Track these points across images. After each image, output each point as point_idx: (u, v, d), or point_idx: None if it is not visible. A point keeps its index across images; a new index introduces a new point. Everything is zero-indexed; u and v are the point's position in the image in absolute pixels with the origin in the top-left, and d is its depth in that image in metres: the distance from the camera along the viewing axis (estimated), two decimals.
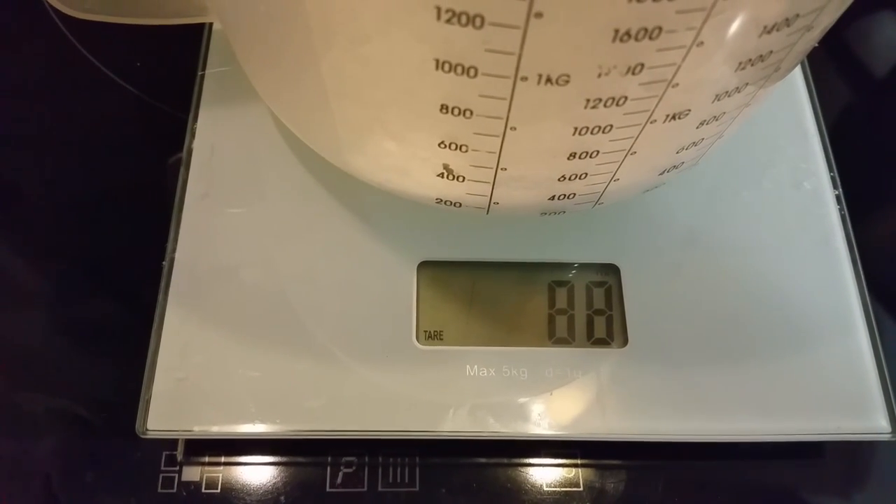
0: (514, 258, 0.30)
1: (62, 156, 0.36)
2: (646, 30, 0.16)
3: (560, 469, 0.29)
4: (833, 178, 0.32)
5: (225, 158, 0.32)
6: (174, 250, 0.29)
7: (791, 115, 0.34)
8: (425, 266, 0.30)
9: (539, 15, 0.15)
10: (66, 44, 0.39)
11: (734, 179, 0.32)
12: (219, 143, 0.32)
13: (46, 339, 0.32)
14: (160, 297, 0.29)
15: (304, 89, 0.23)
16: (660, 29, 0.16)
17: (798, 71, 0.35)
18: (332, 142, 0.26)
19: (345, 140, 0.25)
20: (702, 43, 0.17)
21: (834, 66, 0.41)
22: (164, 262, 0.29)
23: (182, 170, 0.31)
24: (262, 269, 0.30)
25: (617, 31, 0.16)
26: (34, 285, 0.33)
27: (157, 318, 0.28)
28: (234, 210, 0.31)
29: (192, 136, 0.32)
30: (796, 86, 0.34)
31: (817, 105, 0.34)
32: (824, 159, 0.32)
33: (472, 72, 0.17)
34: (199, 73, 0.33)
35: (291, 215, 0.31)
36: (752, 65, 0.19)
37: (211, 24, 0.35)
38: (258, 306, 0.29)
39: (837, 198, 0.32)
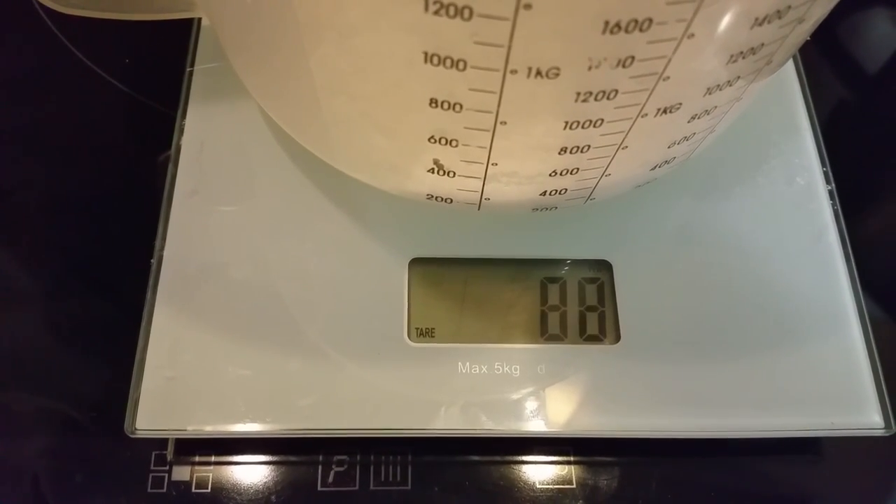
0: (506, 255, 0.30)
1: (49, 153, 0.36)
2: (636, 21, 0.16)
3: (553, 466, 0.29)
4: (826, 174, 0.32)
5: (214, 155, 0.31)
6: (162, 248, 0.29)
7: (783, 110, 0.33)
8: (417, 263, 0.30)
9: (528, 6, 0.15)
10: (54, 40, 0.38)
11: (726, 175, 0.32)
12: (208, 139, 0.32)
13: (34, 338, 0.31)
14: (148, 295, 0.28)
15: (293, 84, 0.23)
16: (650, 20, 0.16)
17: (790, 66, 0.34)
18: (321, 138, 0.26)
19: (334, 136, 0.24)
20: (692, 35, 0.17)
21: (826, 61, 0.41)
22: (152, 260, 0.29)
23: (171, 167, 0.31)
24: (251, 267, 0.29)
25: (607, 23, 0.16)
26: (21, 284, 0.33)
27: (145, 317, 0.28)
28: (223, 207, 0.30)
29: (181, 132, 0.32)
30: (789, 81, 0.34)
31: (810, 100, 0.34)
32: (817, 155, 0.32)
33: (461, 65, 0.17)
34: (188, 69, 0.33)
35: (281, 212, 0.30)
36: (744, 58, 0.19)
37: (199, 20, 0.34)
38: (248, 304, 0.29)
39: (830, 193, 0.31)
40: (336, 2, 0.17)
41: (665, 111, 0.20)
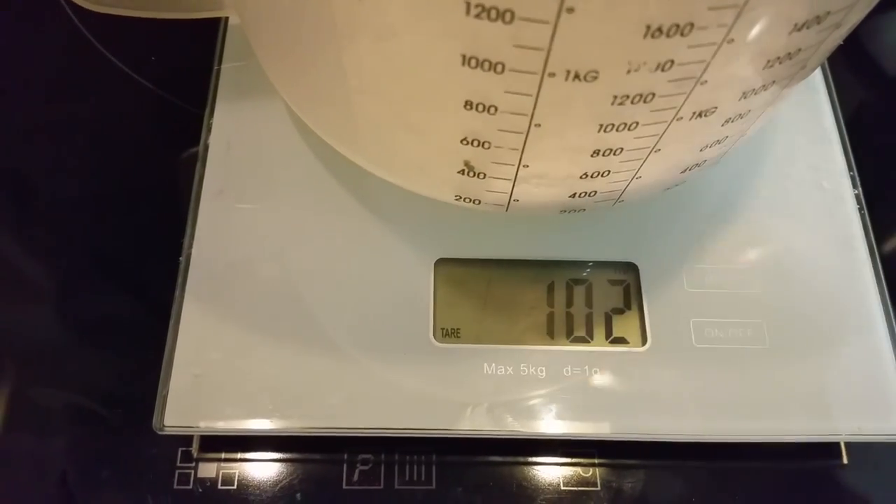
0: (532, 256, 0.30)
1: (77, 151, 0.36)
2: (677, 26, 0.16)
3: (577, 468, 0.29)
4: (853, 178, 0.32)
5: (241, 154, 0.31)
6: (190, 246, 0.29)
7: (810, 114, 0.33)
8: (442, 263, 0.30)
9: (571, 10, 0.15)
10: (81, 38, 0.38)
11: (753, 179, 0.32)
12: (235, 138, 0.32)
13: (63, 336, 0.32)
14: (177, 293, 0.29)
15: (324, 84, 0.23)
16: (691, 25, 0.16)
17: (817, 70, 0.34)
18: (350, 137, 0.26)
19: (364, 135, 0.25)
20: (732, 40, 0.17)
21: (853, 65, 0.40)
22: (180, 259, 0.29)
23: (198, 165, 0.31)
24: (278, 266, 0.29)
25: (649, 27, 0.16)
26: (50, 281, 0.33)
27: (173, 315, 0.28)
28: (250, 206, 0.30)
29: (209, 131, 0.32)
30: (816, 85, 0.34)
31: (836, 104, 0.33)
32: (844, 159, 0.32)
33: (499, 67, 0.17)
34: (215, 67, 0.33)
35: (308, 212, 0.31)
36: (780, 63, 0.19)
37: (227, 19, 0.34)
38: (275, 303, 0.29)
39: (857, 197, 0.31)
40: (376, 4, 0.17)
41: (700, 115, 0.20)
